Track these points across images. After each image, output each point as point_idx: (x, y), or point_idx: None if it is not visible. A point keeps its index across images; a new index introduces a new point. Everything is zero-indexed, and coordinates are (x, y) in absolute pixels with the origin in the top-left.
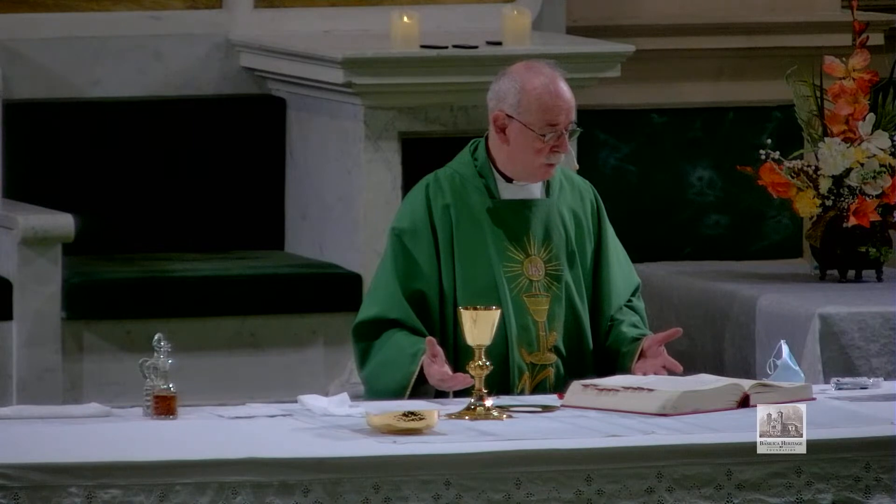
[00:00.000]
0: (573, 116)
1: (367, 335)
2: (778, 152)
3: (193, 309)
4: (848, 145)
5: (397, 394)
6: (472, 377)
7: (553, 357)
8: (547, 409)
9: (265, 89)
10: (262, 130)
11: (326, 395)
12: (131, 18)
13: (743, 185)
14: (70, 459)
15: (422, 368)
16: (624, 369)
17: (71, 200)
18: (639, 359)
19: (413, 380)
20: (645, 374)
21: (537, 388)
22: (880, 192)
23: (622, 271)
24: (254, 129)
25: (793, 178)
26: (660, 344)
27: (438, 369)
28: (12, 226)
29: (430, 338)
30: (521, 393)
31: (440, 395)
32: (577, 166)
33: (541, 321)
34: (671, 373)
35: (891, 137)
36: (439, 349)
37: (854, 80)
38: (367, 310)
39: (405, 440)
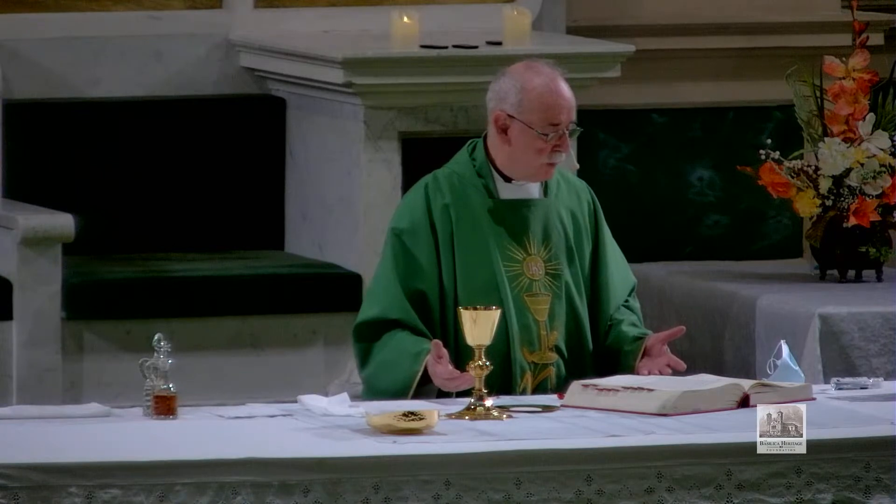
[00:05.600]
0: (574, 116)
1: (369, 336)
2: (778, 152)
3: (193, 309)
4: (848, 145)
5: (400, 394)
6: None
7: (554, 356)
8: (547, 409)
9: (265, 89)
10: (262, 130)
11: (326, 395)
12: (131, 18)
13: (743, 185)
14: (70, 459)
15: (425, 369)
16: (627, 368)
17: (71, 200)
18: (642, 358)
19: (417, 380)
20: (649, 372)
21: (539, 388)
22: (880, 192)
23: (619, 271)
24: (254, 129)
25: (793, 178)
26: (663, 343)
27: (445, 369)
28: (12, 226)
29: (435, 340)
30: (523, 392)
31: (442, 395)
32: (578, 166)
33: (542, 320)
34: (675, 371)
35: (891, 137)
36: (444, 350)
37: (854, 80)
38: (368, 310)
39: (405, 440)
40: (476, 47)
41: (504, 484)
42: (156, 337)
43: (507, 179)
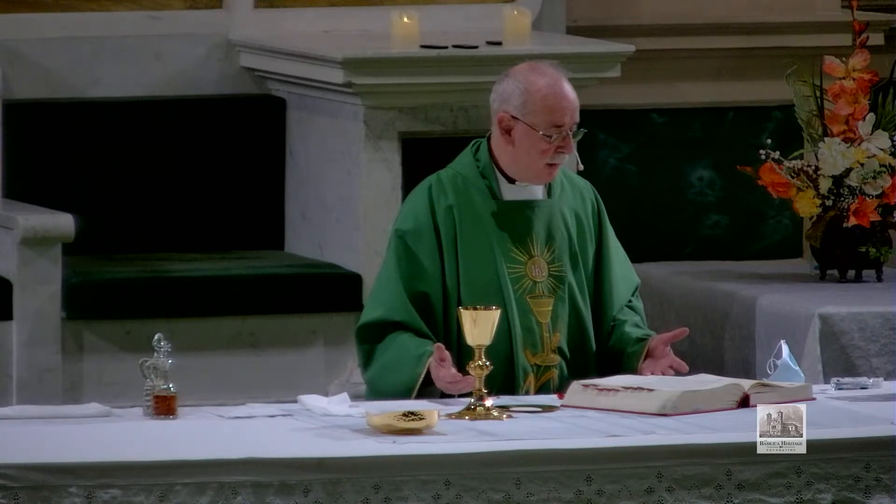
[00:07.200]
0: (577, 117)
1: (371, 337)
2: (778, 152)
3: (193, 309)
4: (848, 145)
5: (402, 396)
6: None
7: (557, 358)
8: (547, 409)
9: (265, 89)
10: (262, 130)
11: (326, 395)
12: (131, 18)
13: (743, 185)
14: (70, 459)
15: (428, 371)
16: (630, 369)
17: (71, 200)
18: (645, 359)
19: (419, 382)
20: (652, 374)
21: (542, 390)
22: (880, 192)
23: (623, 271)
24: (254, 129)
25: (793, 178)
26: (666, 344)
27: (447, 372)
28: (12, 226)
29: (438, 343)
30: (526, 394)
31: (445, 396)
32: (582, 167)
33: (544, 322)
34: (678, 373)
35: (891, 137)
36: (447, 353)
37: (854, 80)
38: (371, 312)
39: (405, 440)
40: (476, 47)
41: (504, 484)
42: (156, 337)
43: (511, 180)
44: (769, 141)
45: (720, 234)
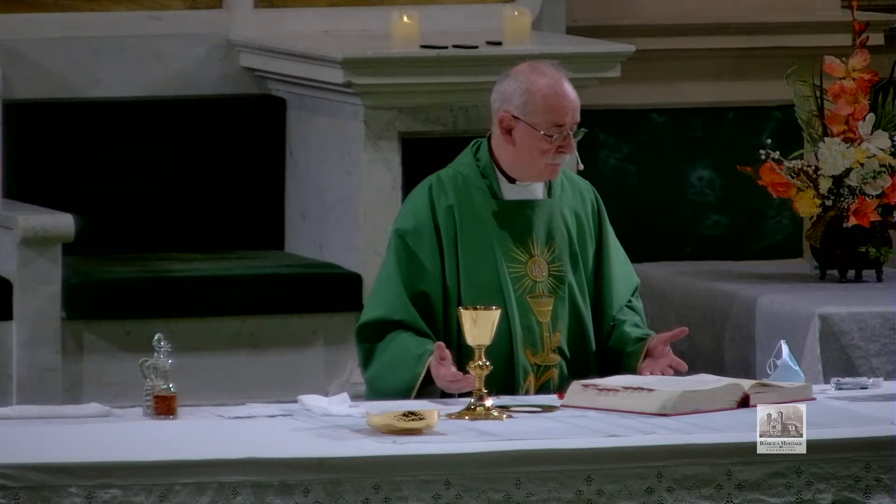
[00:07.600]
0: (578, 117)
1: (371, 337)
2: (778, 152)
3: (193, 309)
4: (848, 145)
5: (402, 395)
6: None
7: (557, 358)
8: (547, 409)
9: (265, 89)
10: (262, 130)
11: (326, 395)
12: (131, 18)
13: (743, 185)
14: (70, 459)
15: (428, 370)
16: (629, 369)
17: (71, 200)
18: (644, 358)
19: (419, 381)
20: (652, 373)
21: (542, 389)
22: (880, 192)
23: (622, 271)
24: (254, 129)
25: (793, 178)
26: (665, 343)
27: (447, 371)
28: (12, 226)
29: (438, 342)
30: (526, 394)
31: (445, 395)
32: (582, 166)
33: (545, 322)
34: (677, 372)
35: (891, 137)
36: (447, 352)
37: (854, 80)
38: (371, 311)
39: (405, 440)
40: (476, 47)
41: (504, 484)
42: (156, 337)
43: (511, 180)
44: (769, 141)
45: (720, 234)
